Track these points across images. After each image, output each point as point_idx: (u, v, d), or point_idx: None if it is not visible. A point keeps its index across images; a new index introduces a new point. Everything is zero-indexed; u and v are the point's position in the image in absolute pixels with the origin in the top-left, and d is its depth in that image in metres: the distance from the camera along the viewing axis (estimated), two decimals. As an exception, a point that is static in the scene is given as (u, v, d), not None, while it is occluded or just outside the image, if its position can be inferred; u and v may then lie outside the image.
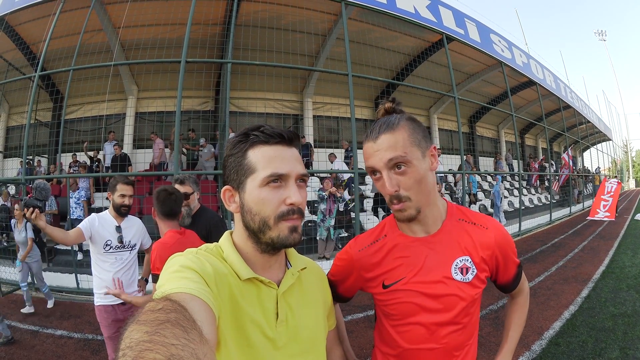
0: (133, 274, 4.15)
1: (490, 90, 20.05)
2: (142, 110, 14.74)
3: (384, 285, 1.58)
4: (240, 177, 1.18)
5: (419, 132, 1.46)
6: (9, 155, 15.81)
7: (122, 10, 10.49)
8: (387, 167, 1.41)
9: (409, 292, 1.53)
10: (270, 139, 1.17)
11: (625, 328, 5.71)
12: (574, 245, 12.48)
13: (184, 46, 8.69)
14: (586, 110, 29.27)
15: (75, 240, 3.91)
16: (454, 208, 1.64)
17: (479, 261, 1.53)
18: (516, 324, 1.81)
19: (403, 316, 1.56)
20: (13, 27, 12.01)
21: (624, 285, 7.90)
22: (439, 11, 12.92)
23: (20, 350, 5.52)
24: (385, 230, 1.67)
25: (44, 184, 3.45)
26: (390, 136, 1.42)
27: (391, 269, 1.58)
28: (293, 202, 1.15)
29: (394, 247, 1.60)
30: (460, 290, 1.49)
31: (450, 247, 1.53)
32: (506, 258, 1.60)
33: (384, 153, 1.41)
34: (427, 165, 1.47)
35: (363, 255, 1.65)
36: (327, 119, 17.00)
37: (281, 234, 1.15)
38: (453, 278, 1.50)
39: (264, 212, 1.15)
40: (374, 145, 1.44)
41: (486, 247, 1.54)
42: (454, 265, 1.51)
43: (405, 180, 1.42)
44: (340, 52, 11.76)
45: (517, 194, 18.74)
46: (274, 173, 1.14)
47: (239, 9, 10.16)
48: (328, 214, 10.17)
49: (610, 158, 48.47)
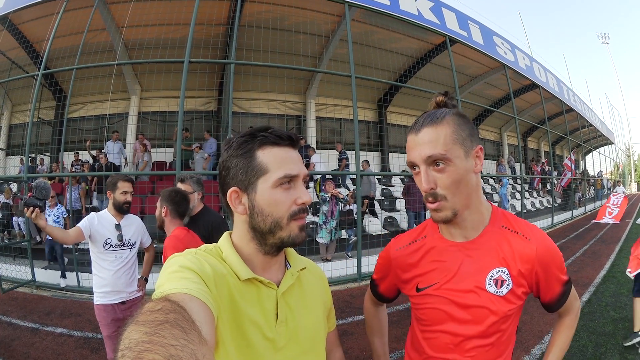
0: (133, 272, 4.16)
1: (493, 93, 20.04)
2: (145, 110, 14.77)
3: (418, 289, 1.56)
4: (250, 178, 1.17)
5: (464, 130, 1.39)
6: (12, 153, 15.89)
7: (126, 10, 10.52)
8: (425, 163, 1.36)
9: (440, 299, 1.49)
10: (280, 140, 1.17)
11: (625, 333, 5.70)
12: (576, 249, 12.47)
13: (187, 46, 8.70)
14: (589, 114, 29.29)
15: (75, 239, 3.92)
16: (499, 214, 1.56)
17: (516, 274, 1.43)
18: (558, 346, 1.68)
19: (431, 322, 1.54)
20: (16, 25, 12.02)
21: (625, 290, 7.88)
22: (442, 13, 12.92)
23: (20, 347, 5.53)
24: (426, 230, 1.64)
25: (44, 183, 3.45)
26: (432, 130, 1.36)
27: (426, 272, 1.55)
28: (304, 201, 1.17)
29: (431, 249, 1.56)
30: (492, 303, 1.42)
31: (487, 256, 1.46)
32: (548, 274, 1.47)
33: (424, 148, 1.35)
34: (470, 166, 1.40)
35: (400, 255, 1.64)
36: (329, 120, 17.03)
37: (292, 234, 1.17)
38: (486, 289, 1.42)
39: (277, 212, 1.15)
40: (415, 139, 1.39)
41: (526, 259, 1.43)
42: (489, 276, 1.43)
43: (443, 178, 1.36)
44: (344, 53, 11.77)
45: (519, 197, 18.72)
46: (288, 174, 1.15)
47: (242, 10, 10.20)
48: (330, 215, 10.16)
49: (613, 162, 48.40)
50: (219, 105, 14.50)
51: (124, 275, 4.02)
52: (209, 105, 14.94)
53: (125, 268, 4.05)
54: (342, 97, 15.12)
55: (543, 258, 1.44)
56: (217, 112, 14.74)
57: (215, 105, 14.86)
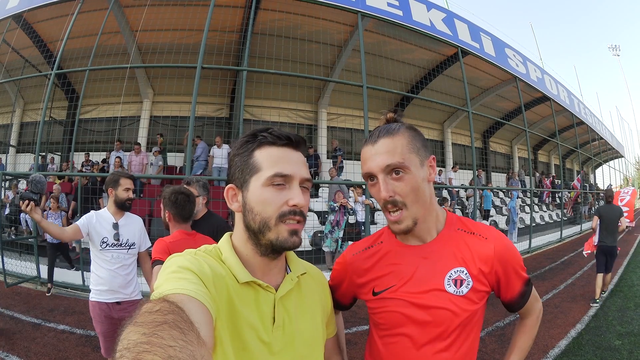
0: (130, 274, 4.08)
1: (504, 105, 19.98)
2: (157, 114, 14.85)
3: (374, 292, 1.54)
4: (245, 176, 1.19)
5: (418, 141, 1.44)
6: (22, 150, 15.99)
7: (140, 14, 10.60)
8: (383, 172, 1.38)
9: (398, 301, 1.47)
10: (277, 140, 1.18)
11: (631, 347, 5.69)
12: (584, 264, 12.37)
13: (201, 52, 8.76)
14: (599, 127, 29.10)
15: (72, 236, 3.93)
16: (454, 218, 1.59)
17: (476, 273, 1.44)
18: (520, 347, 1.66)
19: (390, 326, 1.51)
20: (31, 24, 12.17)
21: (631, 304, 7.87)
22: (454, 24, 12.93)
23: (21, 342, 5.59)
24: (382, 237, 1.64)
25: (39, 177, 3.45)
26: (389, 141, 1.39)
27: (382, 275, 1.54)
28: (295, 203, 1.15)
29: (387, 253, 1.57)
30: (453, 304, 1.41)
31: (445, 258, 1.47)
32: (508, 272, 1.48)
33: (382, 157, 1.38)
34: (425, 175, 1.44)
35: (356, 259, 1.63)
36: (340, 130, 17.03)
37: (280, 237, 1.15)
38: (445, 290, 1.42)
39: (265, 212, 1.15)
40: (372, 149, 1.42)
41: (485, 258, 1.45)
42: (448, 277, 1.43)
43: (401, 186, 1.38)
44: (356, 63, 11.77)
45: (528, 211, 18.65)
46: (279, 173, 1.15)
47: (256, 17, 10.25)
48: (336, 225, 10.14)
49: (622, 175, 48.19)
50: (230, 112, 14.54)
51: (120, 276, 3.96)
52: (220, 111, 14.99)
53: (122, 269, 3.99)
54: (354, 107, 15.15)
55: (501, 256, 1.46)
56: (229, 118, 14.77)
57: (227, 112, 14.90)
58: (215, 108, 14.78)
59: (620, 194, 16.91)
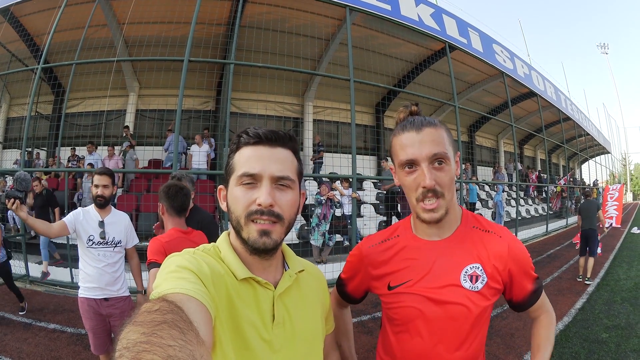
0: (118, 270, 4.08)
1: (491, 100, 20.05)
2: (143, 107, 14.74)
3: (390, 287, 1.55)
4: (227, 177, 1.22)
5: (451, 136, 1.47)
6: (9, 146, 15.81)
7: (127, 7, 10.51)
8: (428, 160, 1.39)
9: (414, 296, 1.48)
10: (250, 139, 1.19)
11: (618, 340, 5.74)
12: (570, 257, 12.49)
13: (188, 45, 8.69)
14: (586, 123, 29.37)
15: (58, 233, 3.90)
16: (469, 215, 1.61)
17: (491, 270, 1.46)
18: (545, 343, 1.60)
19: (405, 321, 1.52)
20: (17, 18, 12.00)
21: (618, 298, 7.94)
22: (442, 20, 12.95)
23: (12, 343, 5.51)
24: (398, 230, 1.65)
25: (24, 175, 3.44)
26: (434, 131, 1.41)
27: (398, 269, 1.55)
28: (260, 202, 1.13)
29: (403, 247, 1.57)
30: (469, 299, 1.43)
31: (461, 254, 1.48)
32: (520, 270, 1.50)
33: (429, 145, 1.39)
34: (455, 169, 1.46)
35: (372, 252, 1.63)
36: (327, 123, 17.00)
37: (250, 236, 1.14)
38: (461, 285, 1.44)
39: (236, 210, 1.16)
40: (416, 136, 1.41)
41: (499, 256, 1.47)
42: (464, 272, 1.45)
43: (442, 176, 1.40)
44: (343, 57, 11.76)
45: (514, 204, 18.74)
46: (245, 172, 1.15)
47: (243, 10, 10.19)
48: (323, 218, 10.15)
49: (609, 171, 48.48)
50: (217, 105, 14.42)
51: (108, 273, 3.95)
52: (206, 104, 14.88)
53: (109, 266, 3.98)
54: (340, 101, 15.15)
55: (515, 254, 1.48)
56: (215, 111, 14.65)
57: (213, 105, 14.78)
58: (201, 101, 14.68)
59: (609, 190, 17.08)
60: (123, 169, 12.40)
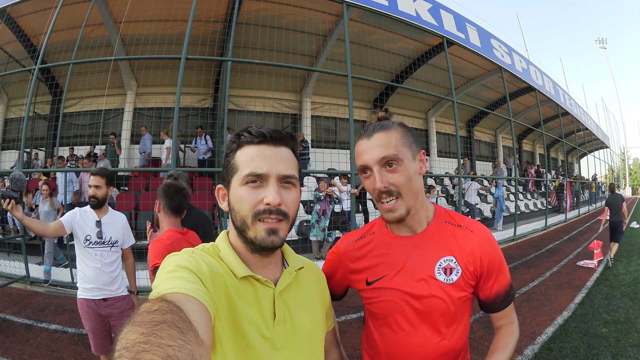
0: (115, 270, 4.07)
1: (489, 95, 20.06)
2: (141, 105, 14.72)
3: (368, 282, 1.58)
4: (228, 177, 1.20)
5: (410, 136, 1.50)
6: (7, 147, 15.76)
7: (124, 5, 10.47)
8: (378, 164, 1.43)
9: (391, 291, 1.51)
10: (254, 138, 1.18)
11: (617, 335, 5.74)
12: (569, 252, 12.53)
13: (185, 43, 8.68)
14: (584, 118, 29.40)
15: (54, 233, 3.91)
16: (442, 211, 1.64)
17: (464, 264, 1.49)
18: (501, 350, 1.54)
19: (385, 315, 1.55)
20: (14, 18, 11.98)
21: (617, 293, 7.94)
22: (440, 15, 12.93)
23: (14, 344, 5.51)
24: (374, 228, 1.69)
25: (19, 175, 3.43)
26: (383, 135, 1.45)
27: (374, 265, 1.58)
28: (268, 201, 1.13)
29: (378, 243, 1.61)
30: (444, 292, 1.46)
31: (434, 247, 1.52)
32: (492, 266, 1.51)
33: (377, 150, 1.43)
34: (417, 168, 1.49)
35: (349, 249, 1.67)
36: (325, 119, 17.00)
37: (258, 236, 1.14)
38: (436, 278, 1.47)
39: (242, 210, 1.15)
40: (367, 143, 1.47)
41: (470, 251, 1.50)
42: (438, 265, 1.48)
43: (396, 177, 1.43)
44: (340, 52, 11.77)
45: (513, 199, 18.75)
46: (252, 172, 1.14)
47: (240, 7, 10.18)
48: (322, 214, 10.15)
49: (608, 166, 48.52)
50: (214, 102, 14.38)
51: (106, 273, 3.94)
52: (204, 102, 14.86)
53: (107, 266, 3.97)
54: (338, 96, 15.13)
55: (486, 249, 1.51)
56: (213, 109, 14.62)
57: (211, 102, 14.76)
58: (199, 98, 14.65)
59: None
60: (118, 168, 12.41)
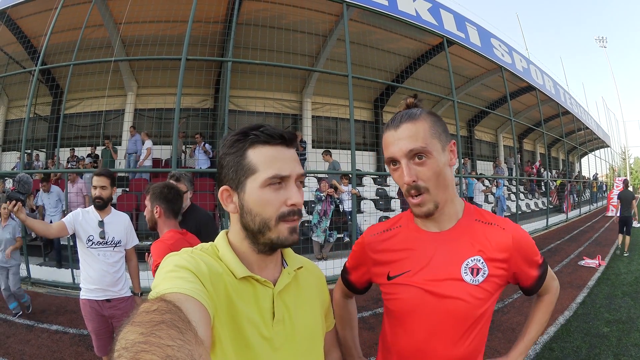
0: (119, 271, 4.07)
1: (490, 95, 20.02)
2: (142, 106, 14.73)
3: (389, 277, 1.54)
4: (240, 178, 1.16)
5: (439, 126, 1.44)
6: (8, 148, 15.79)
7: (124, 6, 10.48)
8: (406, 157, 1.39)
9: (412, 288, 1.47)
10: (271, 139, 1.15)
11: (619, 334, 5.73)
12: (570, 251, 12.52)
13: (185, 43, 8.70)
14: (585, 117, 29.36)
15: (57, 233, 3.92)
16: (472, 208, 1.58)
17: (493, 263, 1.44)
18: (537, 322, 1.72)
19: (401, 314, 1.51)
20: (14, 20, 12.00)
21: (619, 292, 7.93)
22: (440, 14, 12.94)
23: (15, 345, 5.51)
24: (401, 221, 1.64)
25: (26, 177, 3.44)
26: (411, 126, 1.39)
27: (398, 259, 1.54)
28: (294, 203, 1.14)
29: (404, 237, 1.57)
30: (469, 294, 1.40)
31: (462, 246, 1.46)
32: (526, 259, 1.50)
33: (405, 142, 1.38)
34: (447, 160, 1.44)
35: (373, 240, 1.64)
36: (326, 119, 16.97)
37: (281, 235, 1.14)
38: (462, 279, 1.41)
39: (265, 213, 1.13)
40: (394, 134, 1.42)
41: (503, 248, 1.45)
42: (464, 265, 1.43)
43: (424, 171, 1.38)
44: (341, 53, 11.76)
45: (514, 199, 18.75)
46: (277, 175, 1.13)
47: (240, 8, 10.20)
48: (323, 215, 10.14)
49: (608, 165, 48.45)
50: (215, 103, 14.34)
51: (109, 274, 3.94)
52: (205, 102, 14.84)
53: (110, 267, 3.97)
54: (339, 97, 15.11)
55: (520, 244, 1.47)
56: (214, 109, 14.59)
57: (211, 103, 14.72)
58: (199, 99, 14.64)
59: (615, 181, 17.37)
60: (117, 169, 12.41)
